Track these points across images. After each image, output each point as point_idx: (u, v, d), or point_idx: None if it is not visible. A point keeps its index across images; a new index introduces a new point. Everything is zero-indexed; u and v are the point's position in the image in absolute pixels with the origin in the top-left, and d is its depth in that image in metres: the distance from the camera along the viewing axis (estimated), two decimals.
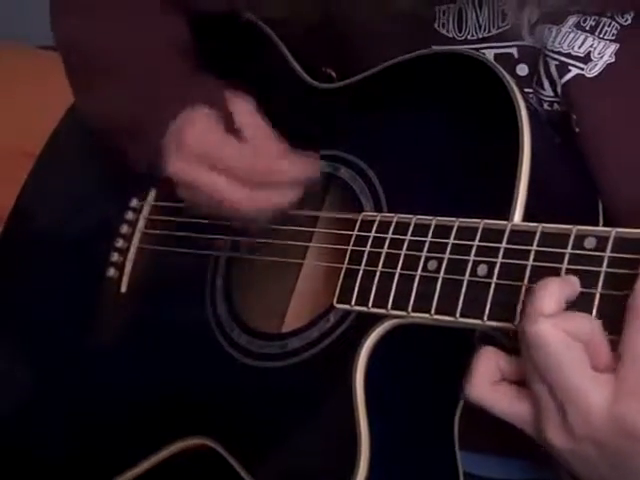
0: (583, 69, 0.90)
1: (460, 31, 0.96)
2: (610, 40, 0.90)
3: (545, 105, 0.94)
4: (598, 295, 0.74)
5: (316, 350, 0.91)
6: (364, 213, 0.91)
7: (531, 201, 0.82)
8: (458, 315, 0.80)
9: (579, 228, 0.76)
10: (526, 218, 0.81)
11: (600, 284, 0.74)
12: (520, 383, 0.76)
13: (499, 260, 0.79)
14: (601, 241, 0.75)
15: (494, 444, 0.99)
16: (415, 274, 0.84)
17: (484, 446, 0.99)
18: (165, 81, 1.04)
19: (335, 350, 0.89)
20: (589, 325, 0.72)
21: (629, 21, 0.90)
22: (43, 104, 1.41)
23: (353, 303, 0.87)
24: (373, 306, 0.86)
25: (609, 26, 0.90)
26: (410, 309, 0.83)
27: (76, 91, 1.11)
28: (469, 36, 0.96)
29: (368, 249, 0.88)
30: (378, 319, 0.86)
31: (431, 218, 0.85)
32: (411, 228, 0.85)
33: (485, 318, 0.79)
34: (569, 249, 0.76)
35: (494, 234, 0.80)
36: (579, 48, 0.90)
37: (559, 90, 0.92)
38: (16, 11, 2.20)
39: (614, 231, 0.75)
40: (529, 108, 0.85)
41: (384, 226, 0.88)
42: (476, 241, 0.81)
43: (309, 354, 0.91)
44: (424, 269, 0.83)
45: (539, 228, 0.78)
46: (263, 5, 1.06)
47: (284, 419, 0.92)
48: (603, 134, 0.89)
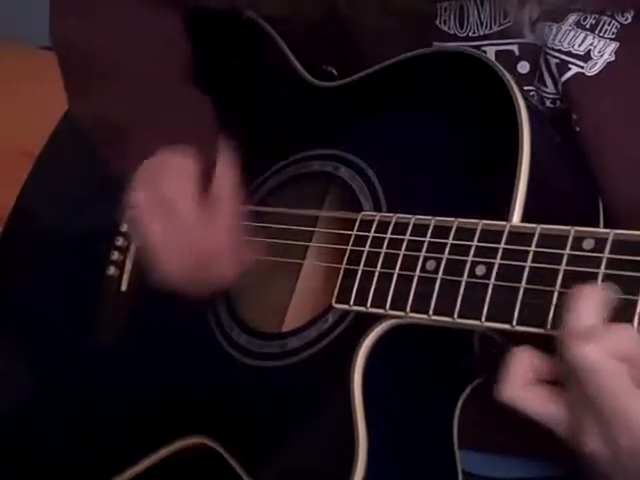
0: (583, 67, 0.90)
1: (461, 28, 0.96)
2: (610, 39, 0.89)
3: (547, 102, 0.94)
4: None
5: (315, 350, 0.91)
6: (363, 213, 0.91)
7: (530, 201, 0.81)
8: (456, 316, 0.80)
9: (577, 229, 0.76)
10: (525, 218, 0.81)
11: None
12: (555, 383, 0.75)
13: (497, 261, 0.79)
14: (599, 242, 0.75)
15: (494, 443, 0.99)
16: (414, 274, 0.83)
17: (484, 445, 0.99)
18: (162, 96, 1.03)
19: (334, 350, 0.89)
20: (633, 341, 0.71)
21: (629, 20, 0.89)
22: (43, 104, 1.41)
23: (352, 303, 0.87)
24: (371, 306, 0.86)
25: (609, 25, 0.90)
26: (408, 309, 0.83)
27: (70, 94, 1.11)
28: (470, 33, 0.96)
29: (367, 249, 0.88)
30: (376, 319, 0.86)
31: (430, 218, 0.84)
32: (410, 228, 0.85)
33: (483, 319, 0.78)
34: (567, 250, 0.76)
35: (493, 235, 0.80)
36: (579, 46, 0.90)
37: (560, 88, 0.92)
38: (16, 11, 2.20)
39: (612, 232, 0.74)
40: (529, 107, 0.84)
41: (383, 226, 0.88)
42: (475, 241, 0.81)
43: (308, 354, 0.91)
44: (422, 269, 0.83)
45: (537, 229, 0.78)
46: (264, 3, 1.06)
47: (283, 419, 0.92)
48: (603, 132, 0.89)
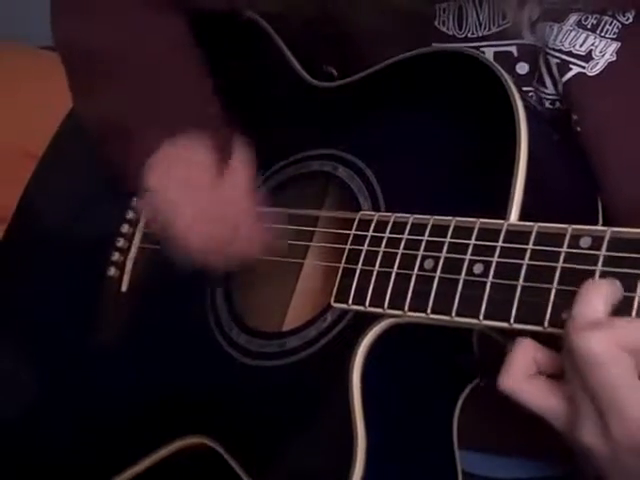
0: (584, 68, 0.90)
1: (460, 29, 0.96)
2: (611, 39, 0.89)
3: (547, 103, 0.94)
4: None
5: (314, 349, 0.91)
6: (361, 212, 0.91)
7: (528, 200, 0.81)
8: (454, 314, 0.80)
9: (575, 227, 0.76)
10: (523, 217, 0.81)
11: None
12: (556, 376, 0.74)
13: (495, 259, 0.79)
14: (596, 240, 0.75)
15: (494, 443, 0.99)
16: (412, 273, 0.83)
17: (484, 445, 0.99)
18: (168, 96, 1.03)
19: (332, 349, 0.89)
20: (638, 332, 0.70)
21: (630, 20, 0.89)
22: (45, 105, 1.42)
23: (350, 302, 0.87)
24: (370, 305, 0.86)
25: (610, 25, 0.90)
26: (406, 308, 0.83)
27: (75, 94, 1.11)
28: (469, 34, 0.96)
29: (365, 248, 0.88)
30: (375, 318, 0.86)
31: (428, 217, 0.84)
32: (408, 227, 0.85)
33: (481, 317, 0.78)
34: (565, 248, 0.76)
35: (490, 233, 0.80)
36: (580, 46, 0.90)
37: (560, 88, 0.92)
38: (17, 11, 2.21)
39: (609, 230, 0.74)
40: (527, 107, 0.84)
41: (381, 225, 0.88)
42: (472, 240, 0.81)
43: (307, 353, 0.91)
44: (421, 268, 0.83)
45: (535, 227, 0.78)
46: (264, 2, 1.06)
47: (282, 418, 0.92)
48: (604, 133, 0.89)
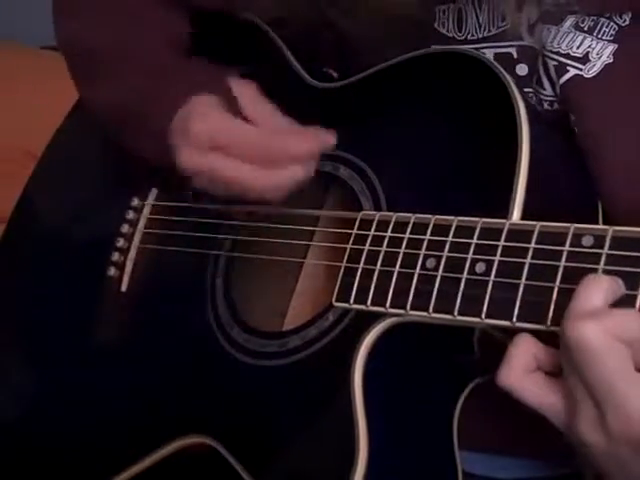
0: (581, 69, 0.90)
1: (460, 31, 0.97)
2: (608, 40, 0.90)
3: (545, 105, 0.94)
4: None
5: (315, 348, 0.91)
6: (363, 212, 0.91)
7: (530, 200, 0.82)
8: (456, 313, 0.80)
9: (577, 226, 0.77)
10: (524, 217, 0.81)
11: None
12: (555, 374, 0.75)
13: (497, 258, 0.79)
14: (598, 239, 0.75)
15: (494, 443, 0.99)
16: (414, 272, 0.84)
17: (484, 445, 0.99)
18: (167, 71, 1.03)
19: (334, 348, 0.89)
20: (635, 323, 0.70)
21: (627, 22, 0.90)
22: (45, 104, 1.42)
23: (352, 301, 0.87)
24: (372, 304, 0.86)
25: (607, 27, 0.90)
26: (408, 307, 0.83)
27: (80, 86, 1.11)
28: (469, 36, 0.96)
29: (367, 248, 0.88)
30: (377, 317, 0.86)
31: (430, 217, 0.85)
32: (410, 226, 0.86)
33: (483, 316, 0.79)
34: (567, 247, 0.76)
35: (492, 232, 0.80)
36: (577, 48, 0.90)
37: (558, 90, 0.92)
38: (17, 11, 2.20)
39: (611, 229, 0.75)
40: (528, 107, 0.85)
41: (383, 225, 0.88)
42: (474, 239, 0.81)
43: (308, 352, 0.91)
44: (422, 267, 0.83)
45: (537, 226, 0.78)
46: (257, 4, 1.06)
47: (283, 417, 0.92)
48: (602, 134, 0.89)
